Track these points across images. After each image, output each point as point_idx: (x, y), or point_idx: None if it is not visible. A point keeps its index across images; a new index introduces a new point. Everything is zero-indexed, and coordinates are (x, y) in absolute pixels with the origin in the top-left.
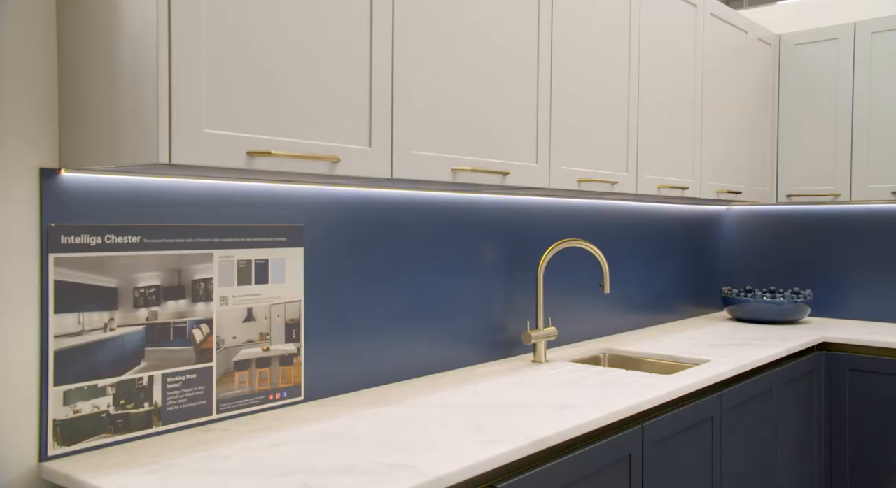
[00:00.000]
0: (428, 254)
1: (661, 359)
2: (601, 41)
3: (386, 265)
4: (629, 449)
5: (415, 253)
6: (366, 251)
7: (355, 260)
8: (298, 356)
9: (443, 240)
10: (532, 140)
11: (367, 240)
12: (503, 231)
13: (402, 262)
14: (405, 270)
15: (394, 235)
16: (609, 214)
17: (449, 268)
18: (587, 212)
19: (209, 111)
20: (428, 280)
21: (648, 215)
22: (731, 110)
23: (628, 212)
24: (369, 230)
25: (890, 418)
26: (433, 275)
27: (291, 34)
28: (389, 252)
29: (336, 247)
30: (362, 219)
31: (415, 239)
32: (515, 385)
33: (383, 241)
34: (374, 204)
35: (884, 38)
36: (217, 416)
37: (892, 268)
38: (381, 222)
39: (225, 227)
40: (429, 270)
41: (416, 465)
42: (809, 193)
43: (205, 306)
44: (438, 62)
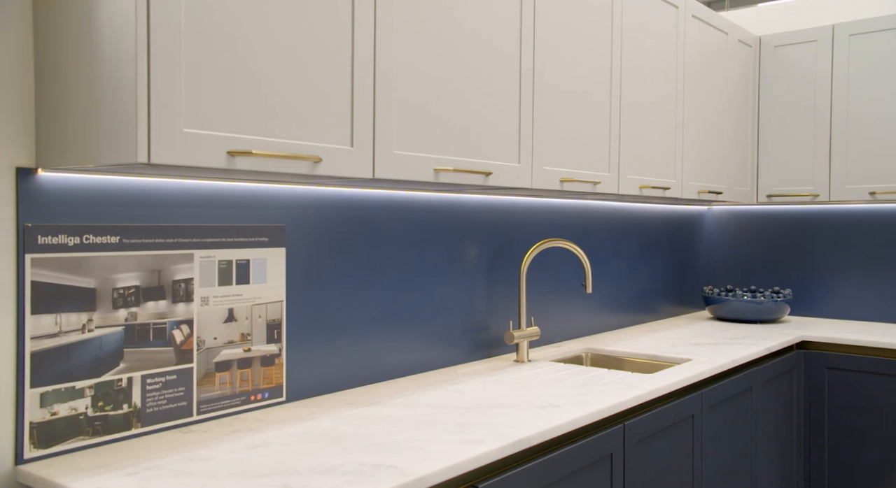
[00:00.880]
0: (411, 255)
1: (642, 359)
2: (583, 42)
3: (368, 265)
4: (610, 449)
5: (398, 253)
6: (348, 251)
7: (338, 260)
8: (280, 357)
9: (426, 240)
10: (514, 140)
11: (349, 240)
12: (486, 231)
13: (385, 262)
14: (388, 270)
15: (376, 235)
16: (591, 214)
17: (432, 269)
18: (570, 213)
19: (189, 110)
20: (411, 280)
21: (630, 215)
22: (711, 111)
23: (610, 212)
24: (352, 230)
25: (867, 415)
26: (416, 275)
27: (273, 33)
28: (372, 252)
29: (318, 248)
30: (345, 219)
31: (398, 239)
32: (498, 385)
33: (366, 241)
34: (357, 204)
35: (861, 41)
36: (198, 417)
37: (869, 268)
38: (363, 222)
39: (206, 227)
40: (412, 270)
41: (398, 466)
42: (789, 193)
43: (185, 307)
44: (421, 62)
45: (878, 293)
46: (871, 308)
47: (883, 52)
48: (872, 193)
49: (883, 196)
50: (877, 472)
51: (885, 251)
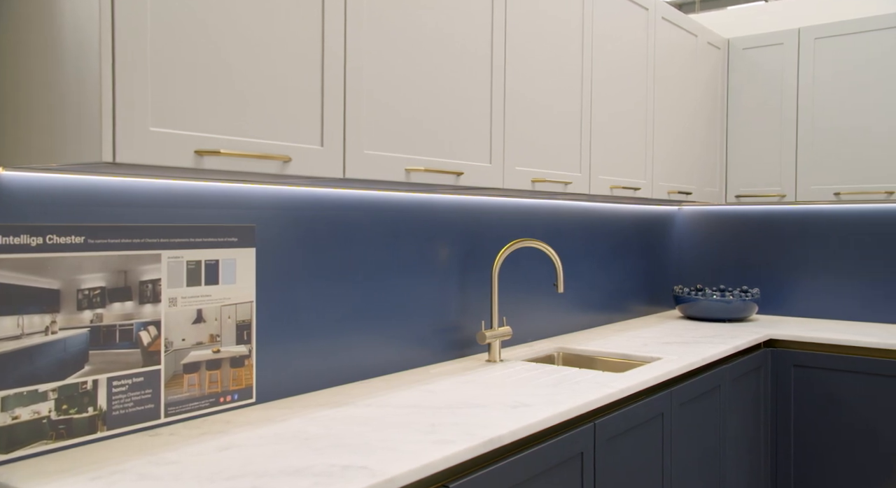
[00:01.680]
0: (382, 255)
1: (613, 358)
2: (554, 42)
3: (340, 265)
4: (581, 447)
5: (369, 253)
6: (320, 251)
7: (309, 260)
8: (250, 358)
9: (397, 240)
10: (486, 140)
11: (321, 241)
12: (458, 231)
13: (356, 263)
14: (359, 270)
15: (348, 235)
16: (563, 215)
17: (404, 269)
18: (541, 213)
19: (155, 109)
20: (383, 280)
21: (601, 215)
22: (681, 112)
23: (582, 212)
24: (323, 230)
25: (831, 411)
26: (388, 275)
27: (242, 31)
28: (344, 252)
29: (289, 248)
30: (316, 219)
31: (369, 239)
32: (470, 384)
33: (337, 241)
34: (328, 203)
35: (826, 44)
36: (165, 420)
37: (834, 267)
38: (334, 222)
39: (174, 227)
40: (383, 270)
41: (369, 466)
42: (757, 194)
43: (152, 308)
44: (392, 62)
45: (844, 291)
46: (836, 306)
47: (847, 55)
48: (837, 194)
49: (847, 196)
50: (841, 467)
51: (850, 250)
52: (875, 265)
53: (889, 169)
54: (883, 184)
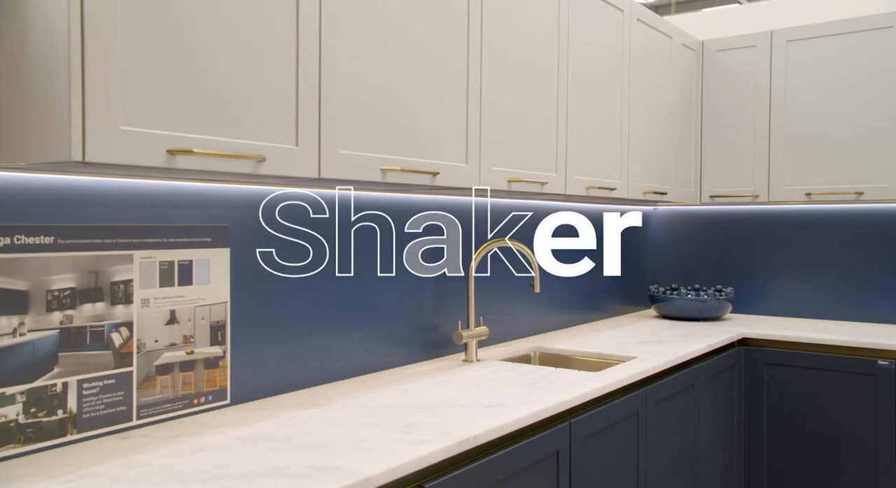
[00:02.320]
0: (359, 254)
1: (589, 357)
2: (529, 43)
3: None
4: (557, 446)
5: (346, 253)
6: (296, 251)
7: (284, 260)
8: (224, 359)
9: (374, 239)
10: (462, 140)
11: (297, 240)
12: (435, 231)
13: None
14: (335, 270)
15: (324, 235)
16: (540, 215)
17: (380, 269)
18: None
19: (126, 107)
20: (360, 280)
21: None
22: (657, 113)
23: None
24: (299, 230)
25: (804, 409)
26: (364, 275)
27: (215, 28)
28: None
29: (264, 247)
30: (291, 218)
31: (345, 239)
32: (446, 384)
33: (315, 241)
34: (303, 204)
35: (798, 47)
36: (137, 422)
37: (806, 266)
38: (310, 222)
39: (146, 227)
40: (360, 270)
41: (344, 467)
42: (730, 194)
43: (124, 309)
44: (368, 60)
45: (815, 290)
46: (808, 305)
47: (819, 57)
48: (808, 194)
49: (818, 196)
50: (813, 463)
51: (821, 250)
52: (845, 264)
53: (858, 170)
54: (853, 184)
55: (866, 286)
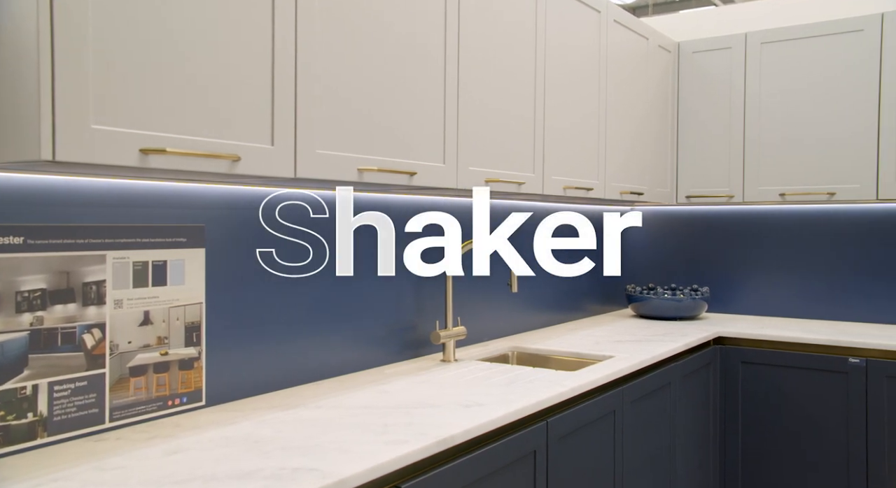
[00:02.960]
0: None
1: (567, 356)
2: (507, 43)
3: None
4: (534, 446)
5: (323, 253)
6: (272, 251)
7: (261, 260)
8: (199, 360)
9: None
10: (439, 140)
11: (272, 241)
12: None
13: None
14: (313, 271)
15: (301, 235)
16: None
17: (358, 269)
18: (496, 213)
19: (98, 105)
20: (336, 280)
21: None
22: (633, 114)
23: (535, 212)
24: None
25: (777, 406)
26: (341, 275)
27: (189, 25)
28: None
29: (240, 248)
30: (268, 218)
31: (323, 238)
32: (424, 384)
33: (290, 242)
34: (280, 203)
35: (772, 49)
36: (110, 425)
37: (779, 266)
38: (289, 222)
39: (119, 227)
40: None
41: (320, 468)
42: (706, 195)
43: (97, 310)
44: (345, 60)
45: (789, 289)
46: (782, 303)
47: (792, 60)
48: (782, 194)
49: (792, 197)
50: (787, 460)
51: (794, 249)
52: (818, 263)
53: (831, 170)
54: (825, 185)
55: (838, 285)
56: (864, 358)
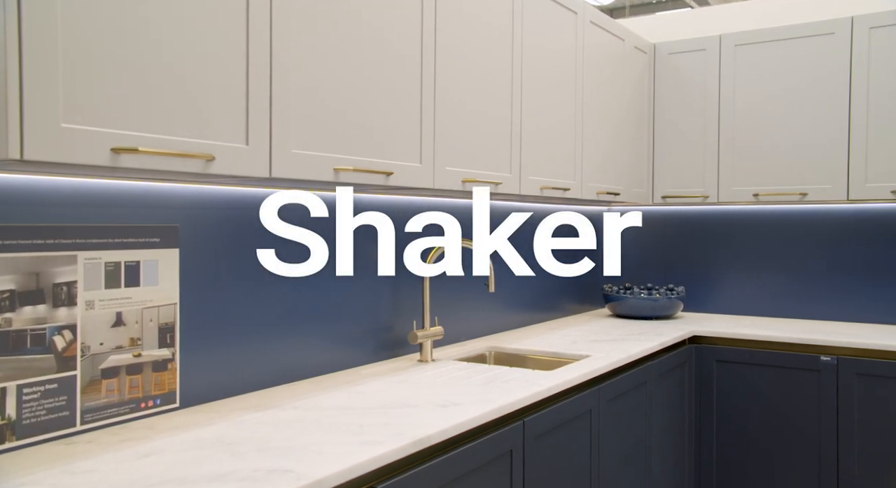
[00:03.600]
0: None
1: (544, 356)
2: (484, 44)
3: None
4: (510, 445)
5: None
6: (247, 251)
7: (235, 260)
8: (173, 361)
9: (328, 239)
10: (416, 140)
11: (248, 241)
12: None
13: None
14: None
15: (276, 235)
16: (495, 215)
17: (334, 269)
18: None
19: (68, 104)
20: (312, 280)
21: (534, 215)
22: (610, 114)
23: (513, 212)
24: (250, 230)
25: (751, 404)
26: (318, 275)
27: (161, 22)
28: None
29: (215, 248)
30: (243, 218)
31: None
32: (401, 385)
33: (266, 242)
34: (256, 203)
35: (745, 51)
36: (81, 428)
37: (753, 265)
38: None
39: (91, 227)
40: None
41: (295, 470)
42: (682, 195)
43: (67, 311)
44: (321, 59)
45: (763, 288)
46: (756, 302)
47: (765, 62)
48: (756, 195)
49: (765, 197)
50: (761, 457)
51: (769, 249)
52: (791, 263)
53: (803, 171)
54: (797, 185)
55: (811, 284)
56: (835, 356)
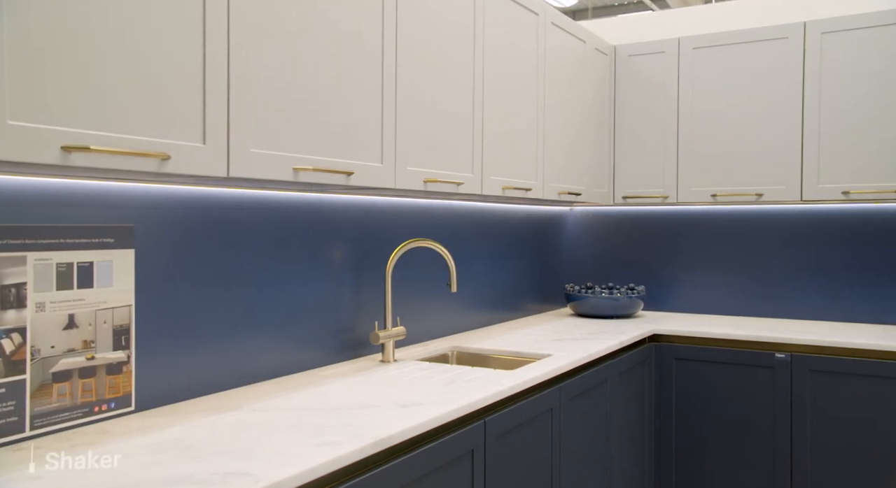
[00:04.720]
0: (272, 255)
1: (506, 355)
2: (446, 43)
3: (227, 266)
4: (471, 445)
5: (258, 253)
6: (205, 252)
7: (193, 261)
8: (128, 364)
9: (288, 240)
10: (377, 140)
11: (205, 241)
12: (352, 231)
13: (245, 263)
14: (247, 271)
15: (235, 235)
16: (457, 215)
17: (295, 269)
18: (435, 213)
19: (15, 100)
20: (272, 281)
21: (495, 216)
22: (572, 116)
23: (475, 212)
24: (208, 230)
25: (709, 401)
26: (278, 276)
27: (114, 17)
28: (230, 253)
29: (171, 249)
30: (200, 218)
31: (258, 239)
32: (362, 385)
33: (223, 242)
34: (214, 203)
35: (703, 54)
36: (31, 433)
37: (712, 265)
38: (220, 222)
39: (40, 228)
40: (273, 271)
41: (253, 472)
42: (642, 195)
43: (16, 313)
44: (281, 55)
45: (721, 287)
46: (715, 301)
47: (722, 64)
48: (713, 195)
49: (722, 197)
50: (720, 454)
51: (726, 248)
52: (748, 262)
53: (759, 172)
54: (753, 186)
55: (767, 282)
56: (789, 353)
